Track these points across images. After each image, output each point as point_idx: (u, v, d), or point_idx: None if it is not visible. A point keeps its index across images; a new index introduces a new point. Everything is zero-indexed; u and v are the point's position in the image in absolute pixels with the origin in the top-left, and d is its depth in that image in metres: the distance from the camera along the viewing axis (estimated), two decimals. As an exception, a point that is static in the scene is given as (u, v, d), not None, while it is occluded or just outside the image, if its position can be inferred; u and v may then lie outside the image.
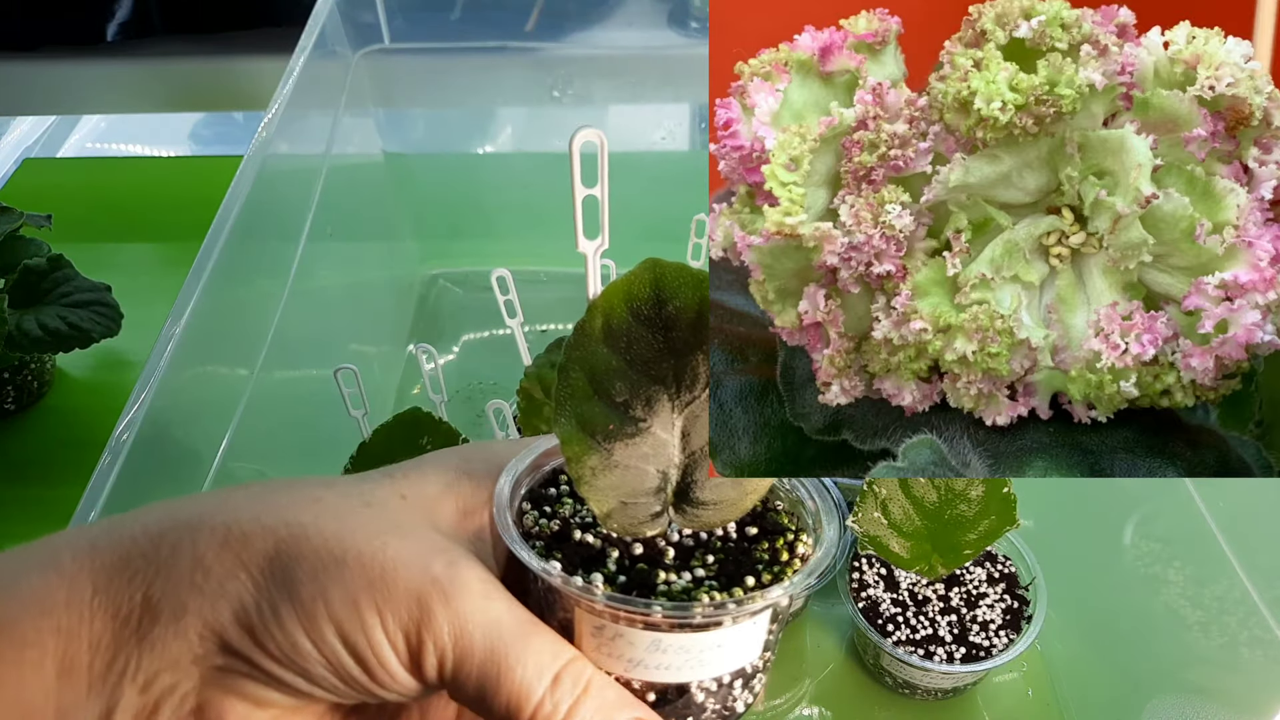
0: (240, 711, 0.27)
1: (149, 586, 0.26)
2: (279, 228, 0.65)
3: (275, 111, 0.64)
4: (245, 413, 0.55)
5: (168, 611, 0.26)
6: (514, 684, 0.26)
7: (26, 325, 0.75)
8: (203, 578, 0.26)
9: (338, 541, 0.27)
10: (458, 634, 0.26)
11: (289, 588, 0.26)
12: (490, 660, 0.26)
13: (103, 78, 1.05)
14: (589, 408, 0.28)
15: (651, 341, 0.28)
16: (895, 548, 0.61)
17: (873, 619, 0.63)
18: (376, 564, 0.26)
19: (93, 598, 0.26)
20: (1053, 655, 0.67)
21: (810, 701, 0.66)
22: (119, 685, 0.26)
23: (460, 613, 0.26)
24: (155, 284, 0.93)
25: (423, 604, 0.26)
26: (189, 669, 0.26)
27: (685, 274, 0.28)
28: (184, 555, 0.27)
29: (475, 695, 0.27)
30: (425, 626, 0.26)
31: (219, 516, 0.27)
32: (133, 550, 0.27)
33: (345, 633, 0.26)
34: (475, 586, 0.27)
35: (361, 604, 0.26)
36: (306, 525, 0.27)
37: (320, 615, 0.26)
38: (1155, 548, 0.62)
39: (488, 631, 0.26)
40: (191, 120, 1.26)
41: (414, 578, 0.26)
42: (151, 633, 0.26)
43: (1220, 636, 0.54)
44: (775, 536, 0.30)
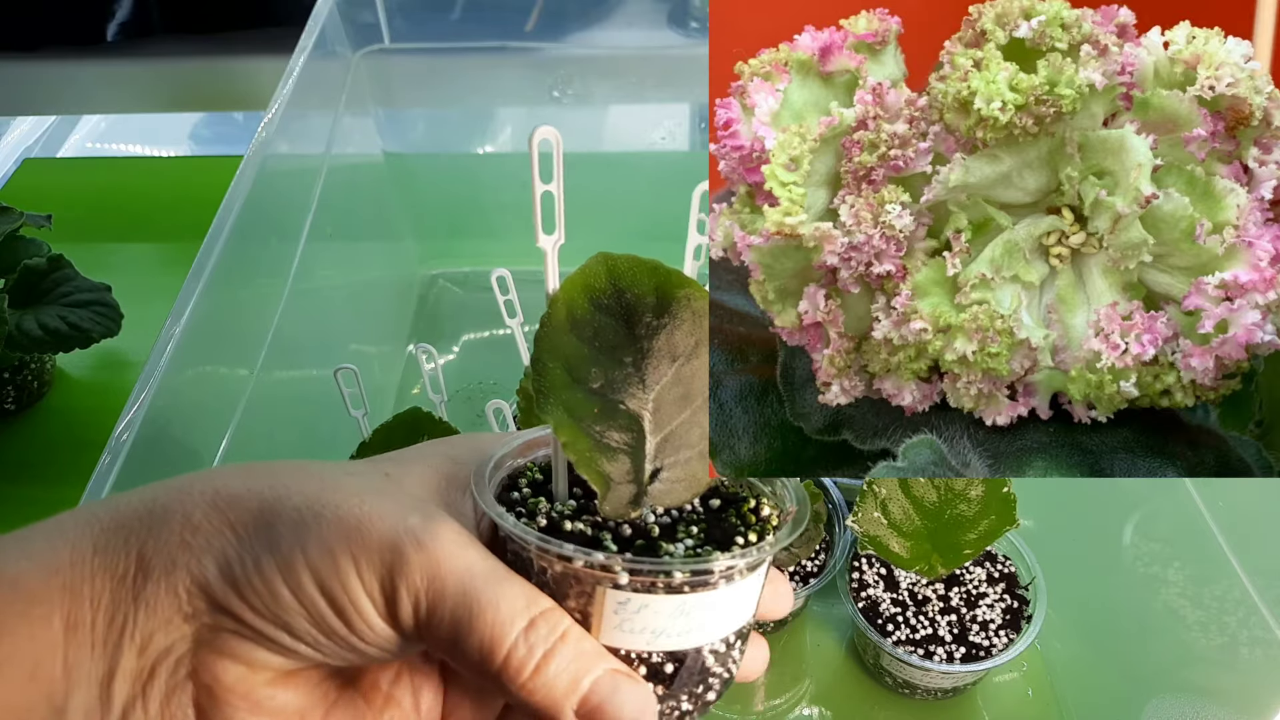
0: (233, 674, 0.27)
1: (143, 545, 0.27)
2: (279, 228, 0.65)
3: (275, 111, 0.64)
4: (245, 413, 0.55)
5: (159, 568, 0.27)
6: (486, 627, 0.27)
7: (26, 325, 0.75)
8: (191, 535, 0.27)
9: (318, 498, 0.28)
10: (430, 577, 0.27)
11: (270, 541, 0.27)
12: (463, 604, 0.27)
13: (103, 77, 1.05)
14: (571, 395, 0.29)
15: (616, 328, 0.30)
16: (895, 547, 0.61)
17: (872, 619, 0.63)
18: (353, 516, 0.27)
19: (93, 557, 0.27)
20: (1052, 655, 0.67)
21: (810, 701, 0.66)
22: (119, 645, 0.27)
23: (434, 558, 0.27)
24: (155, 284, 0.93)
25: (396, 550, 0.27)
26: (181, 628, 0.27)
27: (638, 264, 0.29)
28: (175, 516, 0.28)
29: (449, 640, 0.27)
30: (398, 572, 0.27)
31: (209, 482, 0.29)
32: (128, 513, 0.28)
33: (322, 580, 0.26)
34: (449, 535, 0.27)
35: (337, 553, 0.27)
36: (290, 486, 0.28)
37: (298, 565, 0.26)
38: (1155, 547, 0.62)
39: (461, 576, 0.27)
40: (191, 120, 1.26)
41: (389, 528, 0.27)
42: (145, 590, 0.27)
43: (1220, 636, 0.54)
44: (738, 504, 0.32)
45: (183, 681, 0.27)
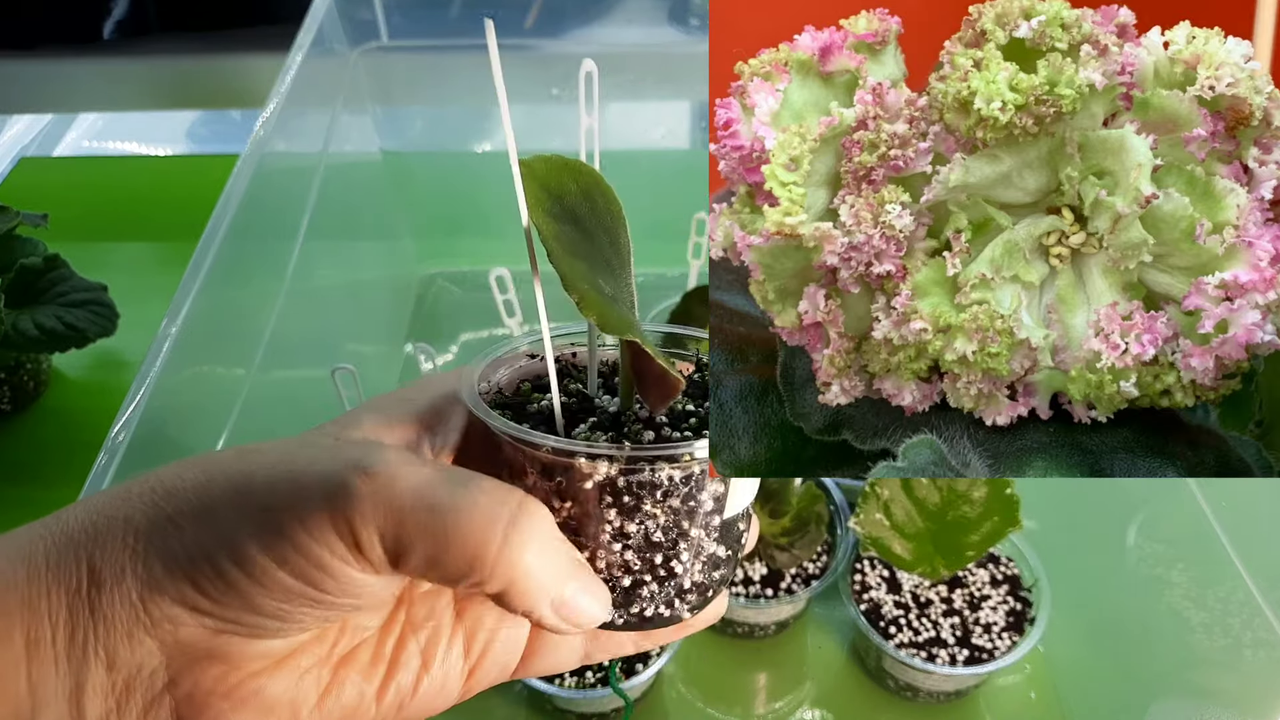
0: (212, 675, 0.26)
1: (91, 556, 0.26)
2: (276, 226, 0.65)
3: (272, 109, 0.64)
4: (242, 413, 0.55)
5: (109, 578, 0.26)
6: (467, 529, 0.25)
7: (23, 325, 0.75)
8: (134, 538, 0.26)
9: (249, 473, 0.26)
10: (387, 503, 0.25)
11: (210, 526, 0.26)
12: (431, 517, 0.25)
13: (99, 76, 1.05)
14: (574, 265, 0.29)
15: (573, 231, 0.31)
16: (898, 549, 0.61)
17: (875, 621, 0.62)
18: (284, 473, 0.26)
19: (46, 572, 0.26)
20: (1056, 657, 0.67)
21: (812, 704, 0.65)
22: (84, 661, 0.26)
23: (383, 483, 0.25)
24: (152, 283, 0.92)
25: (341, 488, 0.25)
26: (144, 641, 0.26)
27: (565, 169, 0.31)
28: (117, 521, 0.27)
29: (428, 560, 0.25)
30: (351, 508, 0.25)
31: (147, 482, 0.27)
32: (75, 525, 0.27)
33: (272, 548, 0.25)
34: (394, 456, 0.26)
35: (280, 514, 0.25)
36: (225, 467, 0.27)
37: (242, 540, 0.25)
38: (1159, 549, 0.62)
39: (420, 490, 0.25)
40: (188, 118, 1.26)
41: (324, 471, 0.25)
42: (100, 603, 0.26)
43: (1224, 638, 0.54)
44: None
45: (160, 694, 0.26)
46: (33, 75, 1.05)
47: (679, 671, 0.67)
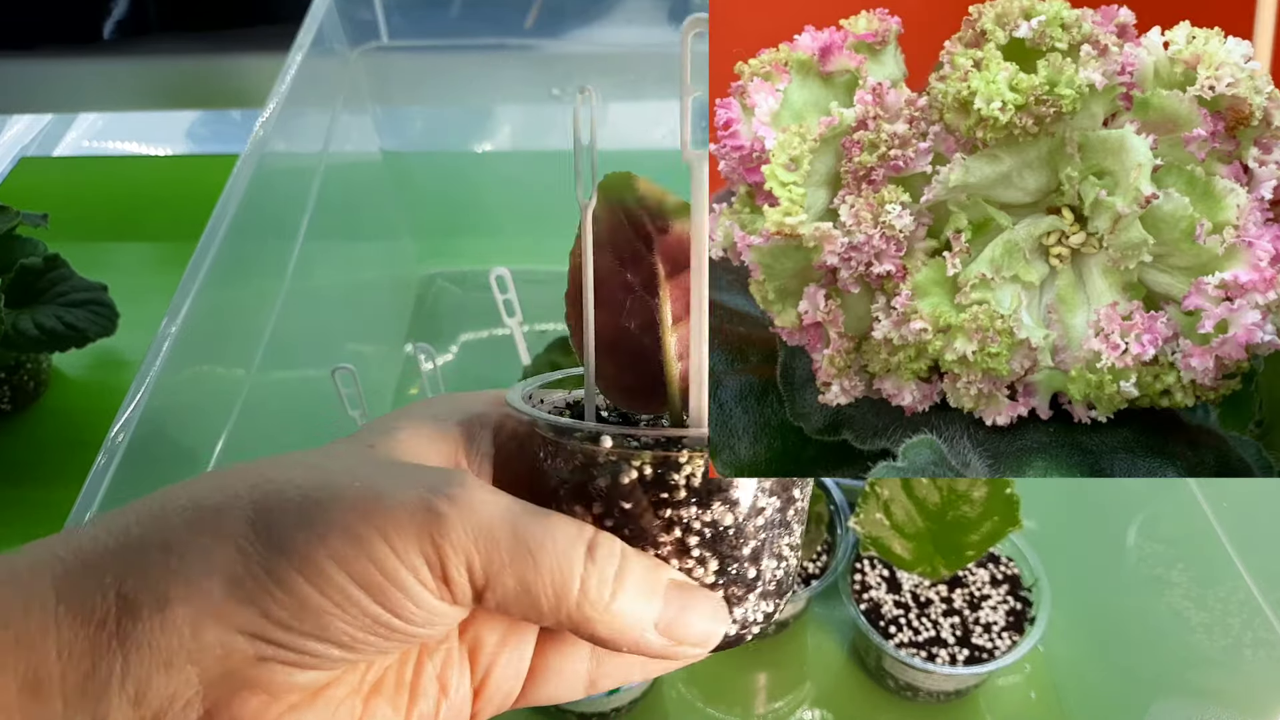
0: (251, 707, 0.24)
1: (121, 584, 0.24)
2: (276, 226, 0.65)
3: (272, 109, 0.64)
4: (242, 413, 0.55)
5: (148, 606, 0.23)
6: (552, 564, 0.24)
7: (23, 325, 0.75)
8: (179, 562, 0.24)
9: (315, 487, 0.25)
10: (477, 531, 0.24)
11: (279, 544, 0.24)
12: (519, 545, 0.24)
13: (99, 75, 1.05)
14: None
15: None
16: (898, 549, 0.61)
17: (875, 621, 0.62)
18: (366, 490, 0.24)
19: (57, 605, 0.24)
20: (1056, 657, 0.67)
21: (812, 704, 0.65)
22: (103, 697, 0.23)
23: (471, 509, 0.24)
24: (152, 283, 0.92)
25: (429, 512, 0.24)
26: (184, 671, 0.24)
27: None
28: (153, 544, 0.24)
29: (516, 590, 0.24)
30: (440, 534, 0.24)
31: (181, 499, 0.25)
32: (96, 549, 0.24)
33: (353, 569, 0.23)
34: (474, 483, 0.25)
35: (362, 533, 0.24)
36: (278, 480, 0.25)
37: (321, 559, 0.23)
38: (1159, 549, 0.62)
39: (506, 519, 0.24)
40: (188, 118, 1.26)
41: (410, 494, 0.24)
42: (134, 633, 0.23)
43: (1224, 638, 0.54)
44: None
45: None
46: (33, 75, 1.05)
47: (679, 671, 0.67)
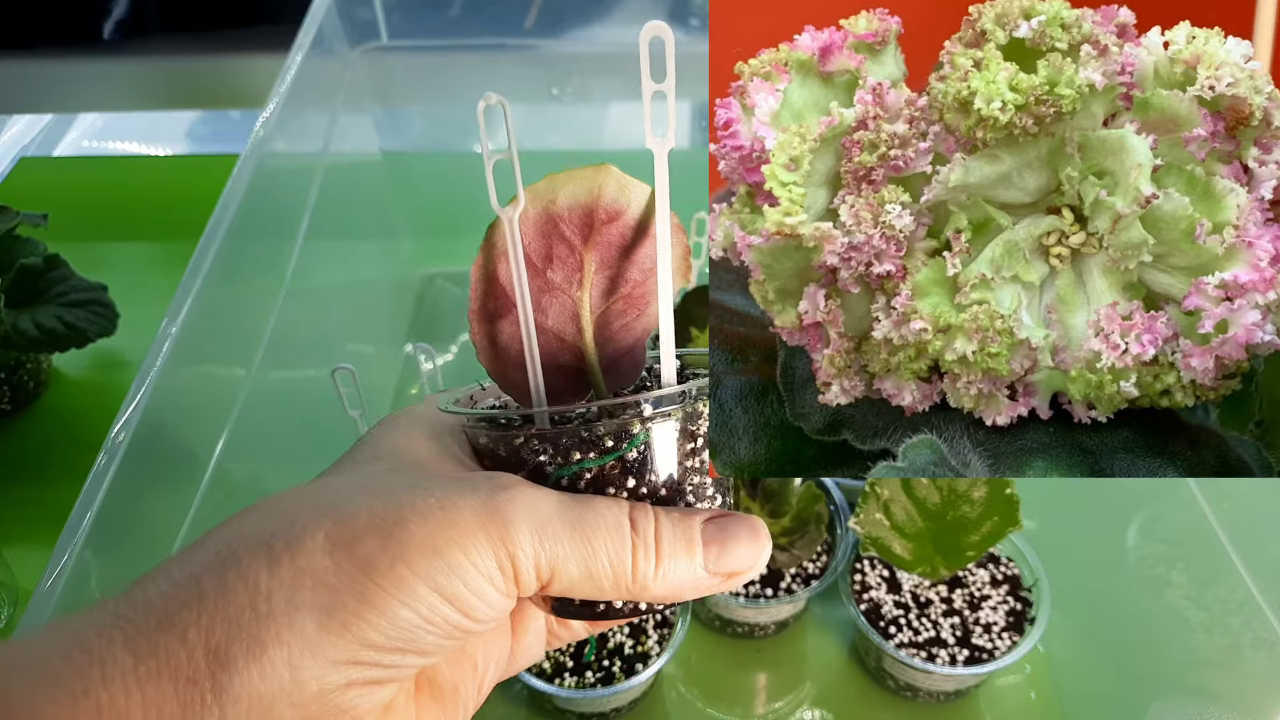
0: None
1: (208, 636, 0.23)
2: (276, 227, 0.65)
3: (272, 109, 0.64)
4: (242, 413, 0.55)
5: (242, 655, 0.23)
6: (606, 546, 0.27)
7: (23, 325, 0.75)
8: (266, 605, 0.24)
9: (383, 509, 0.25)
10: (540, 528, 0.26)
11: (364, 570, 0.24)
12: (577, 537, 0.27)
13: (99, 76, 1.05)
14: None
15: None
16: (898, 549, 0.61)
17: (875, 621, 0.62)
18: (434, 509, 0.26)
19: (137, 667, 0.23)
20: (1056, 657, 0.67)
21: (811, 704, 0.65)
22: None
23: (529, 512, 0.26)
24: (152, 283, 0.92)
25: (498, 521, 0.26)
26: (285, 714, 0.24)
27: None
28: (234, 590, 0.24)
29: (580, 575, 0.27)
30: (512, 541, 0.26)
31: (247, 543, 0.25)
32: (171, 604, 0.24)
33: (439, 584, 0.25)
34: (518, 483, 0.27)
35: (444, 550, 0.25)
36: (341, 509, 0.26)
37: (408, 579, 0.25)
38: (1159, 549, 0.62)
39: (559, 511, 0.27)
40: (188, 118, 1.26)
41: (472, 506, 0.26)
42: (231, 685, 0.23)
43: (1224, 638, 0.54)
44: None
45: None
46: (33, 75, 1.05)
47: (679, 671, 0.67)
